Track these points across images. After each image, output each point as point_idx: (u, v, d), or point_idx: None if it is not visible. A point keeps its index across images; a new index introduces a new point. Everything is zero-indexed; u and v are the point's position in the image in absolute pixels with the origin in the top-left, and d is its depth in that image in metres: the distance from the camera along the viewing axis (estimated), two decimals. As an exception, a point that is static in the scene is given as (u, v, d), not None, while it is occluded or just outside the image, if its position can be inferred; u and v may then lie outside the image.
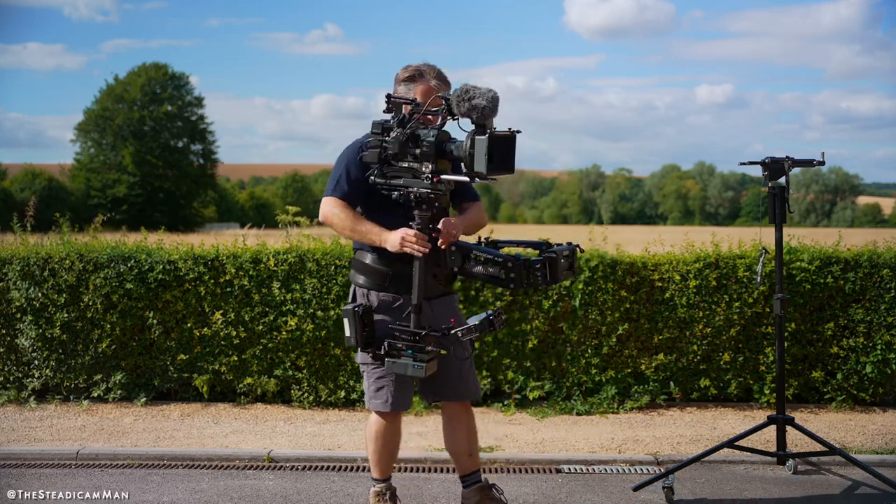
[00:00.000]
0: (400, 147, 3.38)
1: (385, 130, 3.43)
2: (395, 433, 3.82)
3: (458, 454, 3.90)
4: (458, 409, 3.87)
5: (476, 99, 3.20)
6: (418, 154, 3.38)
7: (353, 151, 3.67)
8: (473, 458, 3.92)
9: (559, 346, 6.33)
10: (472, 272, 3.50)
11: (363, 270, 3.70)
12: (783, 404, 4.58)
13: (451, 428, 3.89)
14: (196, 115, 66.98)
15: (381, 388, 3.71)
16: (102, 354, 6.41)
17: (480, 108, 3.19)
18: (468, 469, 3.92)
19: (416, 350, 3.42)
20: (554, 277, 3.42)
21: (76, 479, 4.77)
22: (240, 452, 5.18)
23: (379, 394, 3.71)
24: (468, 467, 3.92)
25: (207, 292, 6.34)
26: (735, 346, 6.27)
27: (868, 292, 6.24)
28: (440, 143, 3.37)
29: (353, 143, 3.72)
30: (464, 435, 3.88)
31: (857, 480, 4.70)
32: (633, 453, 5.19)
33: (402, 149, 3.39)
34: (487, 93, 3.20)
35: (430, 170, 3.36)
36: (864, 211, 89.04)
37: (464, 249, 3.50)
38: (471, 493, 3.90)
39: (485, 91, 3.20)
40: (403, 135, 3.38)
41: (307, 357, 6.32)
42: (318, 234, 7.08)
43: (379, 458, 3.83)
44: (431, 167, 3.36)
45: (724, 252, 6.37)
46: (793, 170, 4.49)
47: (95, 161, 64.04)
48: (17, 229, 6.93)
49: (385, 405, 3.71)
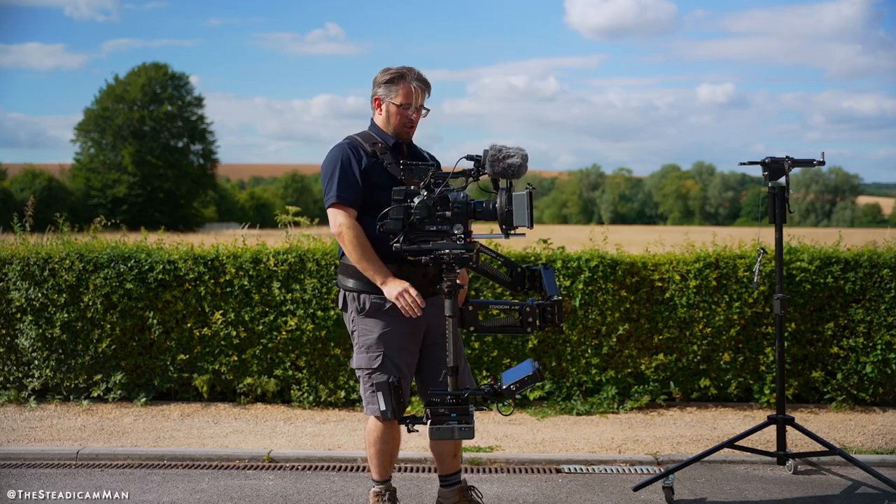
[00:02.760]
0: (428, 212, 3.38)
1: (407, 196, 3.41)
2: (394, 436, 3.82)
3: (443, 454, 3.90)
4: None
5: (511, 158, 3.29)
6: (449, 216, 3.38)
7: (340, 153, 3.67)
8: (457, 459, 3.93)
9: (559, 346, 6.33)
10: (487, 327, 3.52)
11: (353, 274, 3.67)
12: (783, 404, 4.58)
13: None
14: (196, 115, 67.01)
15: (377, 394, 3.68)
16: (102, 354, 6.41)
17: (516, 166, 3.29)
18: (450, 469, 3.92)
19: (459, 413, 3.38)
20: (562, 319, 3.48)
21: (76, 479, 4.77)
22: (240, 452, 5.18)
23: (374, 398, 3.68)
24: (451, 468, 3.92)
25: (207, 292, 6.34)
26: (735, 346, 6.27)
27: (868, 292, 6.24)
28: (469, 203, 3.40)
29: (336, 146, 3.73)
30: None
31: (857, 480, 4.70)
32: (633, 453, 5.19)
33: (430, 213, 3.39)
34: (519, 151, 3.31)
35: (461, 231, 3.38)
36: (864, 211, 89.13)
37: (479, 306, 3.51)
38: (450, 492, 3.91)
39: (516, 150, 3.30)
40: (431, 199, 3.38)
41: (307, 357, 6.32)
42: (318, 234, 7.08)
43: (378, 460, 3.83)
44: (463, 228, 3.39)
45: (724, 252, 6.37)
46: (793, 170, 4.49)
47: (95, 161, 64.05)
48: (16, 229, 6.93)
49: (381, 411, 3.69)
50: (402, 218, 3.39)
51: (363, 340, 3.70)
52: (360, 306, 3.68)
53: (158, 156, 63.86)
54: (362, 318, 3.69)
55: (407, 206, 3.39)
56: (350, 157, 3.66)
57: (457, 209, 3.37)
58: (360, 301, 3.67)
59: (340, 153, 3.67)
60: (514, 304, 3.47)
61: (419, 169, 3.44)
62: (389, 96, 3.72)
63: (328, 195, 3.66)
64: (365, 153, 3.67)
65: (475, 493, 3.95)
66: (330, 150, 3.73)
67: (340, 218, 3.61)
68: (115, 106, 64.35)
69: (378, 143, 3.70)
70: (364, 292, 3.66)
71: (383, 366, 3.66)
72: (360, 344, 3.72)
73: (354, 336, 3.75)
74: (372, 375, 3.68)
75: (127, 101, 64.33)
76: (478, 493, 3.97)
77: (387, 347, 3.66)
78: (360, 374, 3.76)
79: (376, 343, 3.66)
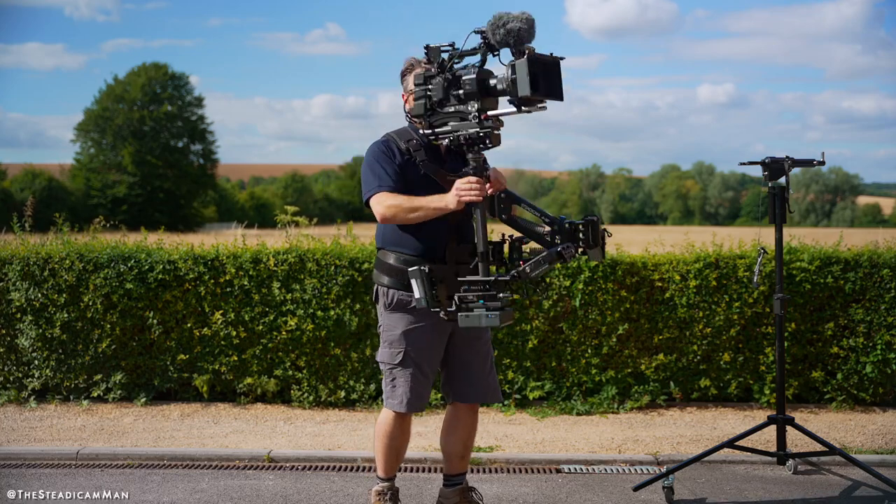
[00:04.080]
0: (443, 92, 3.34)
1: (427, 79, 3.39)
2: (404, 434, 3.81)
3: (452, 454, 3.90)
4: (467, 411, 3.87)
5: (511, 23, 3.17)
6: (462, 95, 3.33)
7: (377, 148, 3.67)
8: (464, 461, 3.93)
9: (559, 346, 6.33)
10: (518, 223, 3.44)
11: (387, 271, 3.69)
12: (783, 404, 4.58)
13: (453, 427, 3.88)
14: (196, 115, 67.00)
15: (398, 388, 3.70)
16: (102, 354, 6.41)
17: (516, 30, 3.17)
18: (456, 470, 3.92)
19: (487, 299, 3.32)
20: (595, 240, 3.38)
21: (76, 479, 4.77)
22: (240, 452, 5.18)
23: (395, 393, 3.70)
24: (457, 468, 3.92)
25: (207, 292, 6.34)
26: (735, 346, 6.27)
27: (868, 292, 6.24)
28: (482, 80, 3.32)
29: (373, 143, 3.72)
30: (463, 437, 3.88)
31: (857, 480, 4.70)
32: (633, 453, 5.19)
33: (445, 93, 3.35)
34: (521, 15, 3.18)
35: (475, 108, 3.32)
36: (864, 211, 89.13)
37: (513, 198, 3.43)
38: (452, 493, 3.91)
39: (517, 15, 3.18)
40: (445, 79, 3.33)
41: (307, 357, 6.32)
42: (318, 234, 7.08)
43: (385, 456, 3.82)
44: (477, 105, 3.31)
45: (724, 252, 6.37)
46: (793, 170, 4.49)
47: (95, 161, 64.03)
48: (16, 229, 6.93)
49: (400, 405, 3.69)
50: (423, 101, 3.36)
51: (387, 335, 3.73)
52: (388, 301, 3.70)
53: (158, 156, 63.84)
54: (389, 312, 3.71)
55: (427, 90, 3.36)
56: (386, 153, 3.65)
57: (468, 87, 3.30)
58: (389, 296, 3.69)
59: (377, 149, 3.67)
60: (547, 213, 3.39)
61: (433, 50, 3.40)
62: (408, 87, 3.72)
63: (370, 187, 3.62)
64: (399, 151, 3.65)
65: (475, 494, 3.95)
66: (368, 148, 3.74)
67: (381, 199, 3.57)
68: (115, 106, 64.34)
69: (412, 140, 3.67)
70: (393, 288, 3.66)
71: (404, 362, 3.67)
72: (384, 339, 3.75)
73: (381, 330, 3.78)
74: (393, 370, 3.69)
75: (127, 101, 64.31)
76: (478, 494, 3.97)
77: (409, 344, 3.66)
78: (382, 367, 3.77)
79: (399, 339, 3.67)
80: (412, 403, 3.70)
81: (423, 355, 3.69)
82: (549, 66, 3.24)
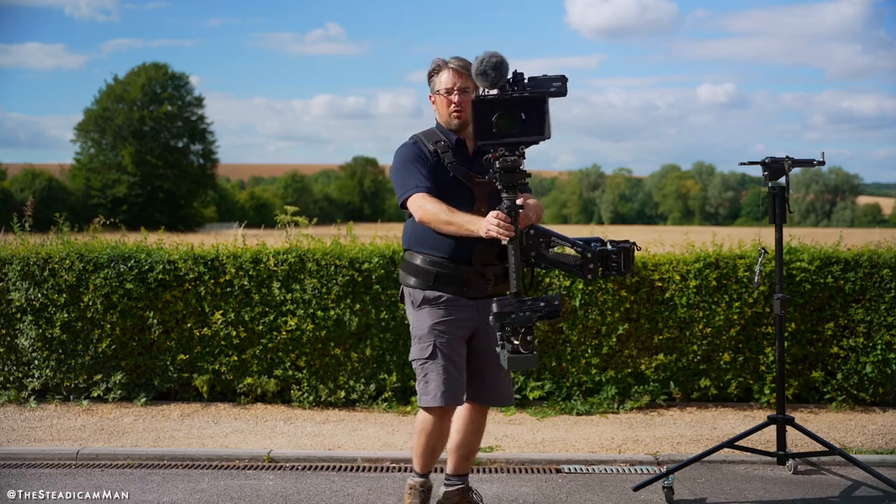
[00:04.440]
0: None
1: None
2: (442, 431, 3.77)
3: (457, 455, 3.90)
4: (477, 412, 3.87)
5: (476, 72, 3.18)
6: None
7: (409, 150, 3.69)
8: (468, 462, 3.93)
9: (559, 346, 6.33)
10: (548, 258, 3.43)
11: (414, 272, 3.70)
12: (783, 404, 4.58)
13: (461, 427, 3.87)
14: (196, 115, 67.03)
15: (430, 383, 3.67)
16: (102, 354, 6.41)
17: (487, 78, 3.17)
18: (460, 470, 3.92)
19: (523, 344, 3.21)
20: (628, 268, 3.39)
21: (76, 479, 4.77)
22: (240, 452, 5.18)
23: (428, 388, 3.68)
24: (460, 468, 3.92)
25: (207, 292, 6.34)
26: (735, 346, 6.27)
27: (868, 292, 6.24)
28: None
29: (402, 145, 3.74)
30: (471, 438, 3.88)
31: (857, 480, 4.70)
32: (633, 453, 5.19)
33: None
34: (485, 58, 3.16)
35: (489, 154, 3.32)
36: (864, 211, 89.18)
37: (541, 233, 3.41)
38: (453, 493, 3.91)
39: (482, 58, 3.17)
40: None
41: (307, 357, 6.32)
42: (318, 234, 7.08)
43: (421, 452, 3.81)
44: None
45: (724, 252, 6.37)
46: (793, 170, 4.49)
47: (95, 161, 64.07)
48: (16, 229, 6.93)
49: (434, 399, 3.65)
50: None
51: (416, 332, 3.74)
52: (414, 300, 3.72)
53: (158, 156, 63.88)
54: (416, 311, 3.73)
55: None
56: (418, 154, 3.66)
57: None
58: (414, 296, 3.71)
59: (409, 151, 3.69)
60: (578, 241, 3.37)
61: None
62: (434, 88, 3.73)
63: (407, 188, 3.62)
64: (428, 153, 3.67)
65: (475, 494, 3.95)
66: (397, 151, 3.75)
67: (419, 201, 3.56)
68: (115, 106, 64.37)
69: (440, 141, 3.68)
70: (419, 288, 3.69)
71: (433, 354, 3.67)
72: (414, 336, 3.76)
73: (411, 329, 3.79)
74: (424, 365, 3.69)
75: (127, 101, 64.34)
76: (478, 495, 3.98)
77: (437, 337, 3.66)
78: (415, 366, 3.76)
79: (427, 333, 3.68)
80: (446, 395, 3.64)
81: (452, 347, 3.68)
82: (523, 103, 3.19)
